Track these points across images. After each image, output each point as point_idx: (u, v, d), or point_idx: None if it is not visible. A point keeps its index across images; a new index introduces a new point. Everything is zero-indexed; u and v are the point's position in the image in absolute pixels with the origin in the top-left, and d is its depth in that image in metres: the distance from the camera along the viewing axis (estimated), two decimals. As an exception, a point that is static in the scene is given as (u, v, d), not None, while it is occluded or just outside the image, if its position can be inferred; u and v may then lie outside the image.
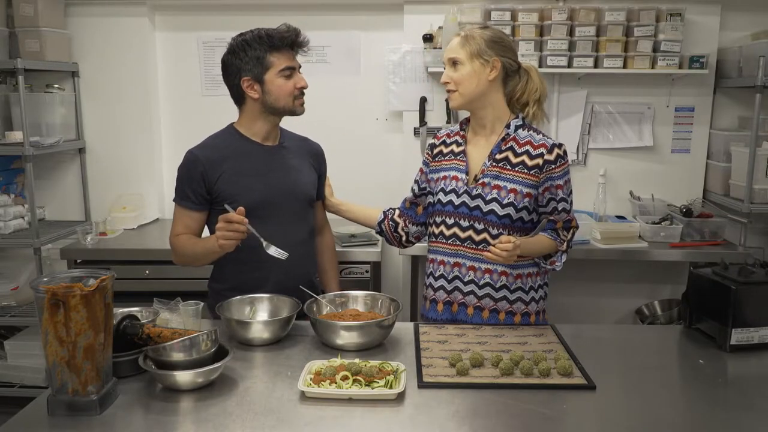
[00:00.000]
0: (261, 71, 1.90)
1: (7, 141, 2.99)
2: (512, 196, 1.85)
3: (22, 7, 3.01)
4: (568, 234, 1.95)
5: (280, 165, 2.01)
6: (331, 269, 2.24)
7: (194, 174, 1.92)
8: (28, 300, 3.09)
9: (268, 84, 1.91)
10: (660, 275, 3.37)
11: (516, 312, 1.91)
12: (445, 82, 1.90)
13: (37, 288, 1.29)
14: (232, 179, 1.92)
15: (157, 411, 1.37)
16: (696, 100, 3.25)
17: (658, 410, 1.38)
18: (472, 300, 1.91)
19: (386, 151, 3.44)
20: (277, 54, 1.90)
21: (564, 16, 3.06)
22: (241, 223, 1.72)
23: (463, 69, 1.86)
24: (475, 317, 1.91)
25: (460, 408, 1.38)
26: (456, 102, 1.91)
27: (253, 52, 1.89)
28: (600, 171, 3.25)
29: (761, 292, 1.68)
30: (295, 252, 1.93)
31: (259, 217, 1.88)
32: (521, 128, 1.91)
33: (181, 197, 1.95)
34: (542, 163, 1.86)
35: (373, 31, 3.34)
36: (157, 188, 3.46)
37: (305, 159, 2.09)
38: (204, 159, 1.92)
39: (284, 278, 1.93)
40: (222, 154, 1.94)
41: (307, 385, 1.42)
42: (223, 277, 2.03)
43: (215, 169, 1.92)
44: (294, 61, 1.95)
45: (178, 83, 3.44)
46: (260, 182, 1.95)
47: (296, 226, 2.02)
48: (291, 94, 1.93)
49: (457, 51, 1.87)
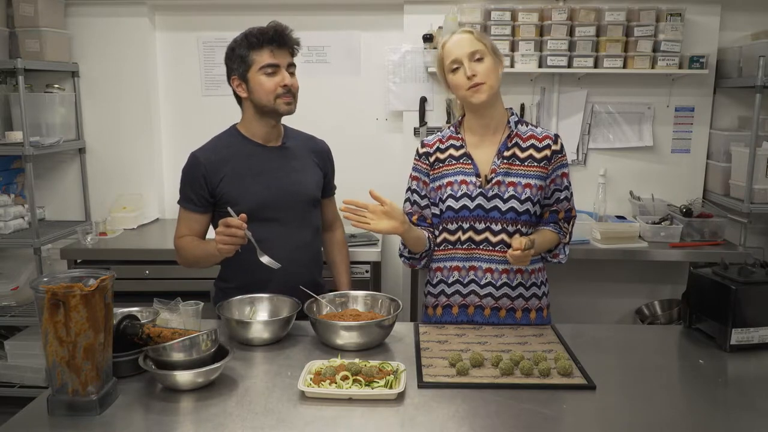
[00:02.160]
0: (245, 69, 1.90)
1: (7, 141, 2.99)
2: (528, 190, 1.86)
3: (22, 7, 3.01)
4: (569, 225, 1.98)
5: (282, 166, 1.99)
6: (342, 264, 2.21)
7: (196, 176, 1.92)
8: (28, 300, 3.09)
9: (251, 82, 1.90)
10: (660, 275, 3.37)
11: (531, 308, 1.92)
12: (472, 75, 1.78)
13: (37, 288, 1.29)
14: (234, 182, 1.92)
15: (157, 411, 1.37)
16: (696, 100, 3.25)
17: (658, 410, 1.38)
18: (489, 302, 1.89)
19: (386, 151, 3.44)
20: (258, 51, 1.88)
21: (564, 16, 3.06)
22: (239, 228, 1.72)
23: (488, 61, 1.81)
24: (492, 317, 1.91)
25: (460, 408, 1.38)
26: (485, 95, 1.80)
27: (238, 50, 1.90)
28: (600, 171, 3.26)
29: (761, 292, 1.68)
30: (299, 254, 1.94)
31: (262, 219, 1.88)
32: (519, 123, 1.92)
33: (185, 199, 1.96)
34: (550, 154, 1.88)
35: (373, 31, 3.34)
36: (157, 188, 3.46)
37: (309, 158, 2.07)
38: (206, 161, 1.92)
39: (288, 279, 1.91)
40: (223, 156, 1.94)
41: (307, 385, 1.42)
42: (228, 276, 2.04)
43: (217, 171, 1.92)
44: (277, 59, 1.89)
45: (178, 83, 3.44)
46: (261, 184, 1.95)
47: (299, 228, 2.01)
48: (272, 92, 1.89)
49: (476, 44, 1.81)
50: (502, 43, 3.05)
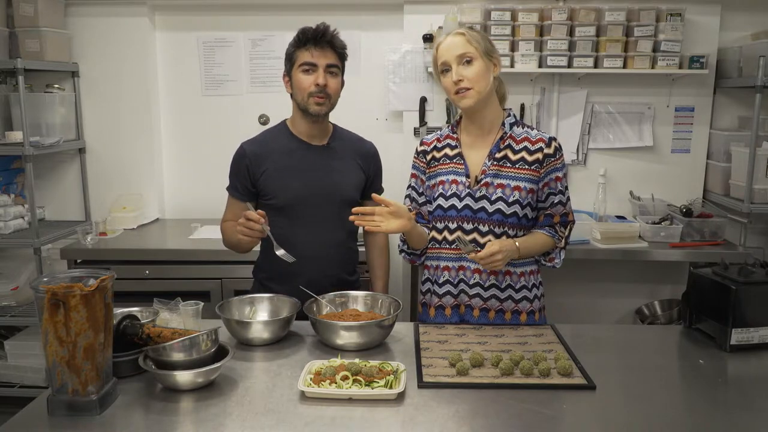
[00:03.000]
0: (290, 67, 2.00)
1: (7, 141, 2.99)
2: (517, 193, 1.85)
3: (22, 7, 3.01)
4: (566, 230, 1.95)
5: (323, 165, 2.03)
6: (380, 268, 2.23)
7: (241, 167, 2.03)
8: (28, 300, 3.09)
9: (293, 79, 1.99)
10: (660, 275, 3.37)
11: (522, 311, 1.91)
12: (458, 80, 1.80)
13: (37, 288, 1.29)
14: (274, 176, 2.00)
15: (157, 411, 1.37)
16: (696, 100, 3.25)
17: (658, 410, 1.38)
18: (478, 302, 1.90)
19: (386, 151, 3.39)
20: (301, 49, 1.96)
21: (564, 16, 3.06)
22: (257, 222, 1.79)
23: (478, 65, 1.81)
24: (481, 318, 1.91)
25: (460, 408, 1.38)
26: (471, 100, 1.82)
27: (289, 48, 2.00)
28: (600, 171, 3.25)
29: (761, 292, 1.68)
30: (330, 253, 2.00)
31: (294, 215, 1.95)
32: (515, 125, 1.91)
33: (231, 187, 2.08)
34: (542, 157, 1.86)
35: (373, 31, 3.34)
36: (157, 188, 3.46)
37: (352, 160, 2.10)
38: (251, 154, 2.02)
39: (317, 276, 1.98)
40: (268, 149, 2.02)
41: (307, 385, 1.42)
42: (264, 267, 2.11)
43: (260, 164, 2.00)
44: (315, 58, 1.95)
45: (178, 83, 3.44)
46: (299, 181, 2.00)
47: (333, 227, 2.03)
48: (306, 90, 1.95)
49: (466, 47, 1.80)
50: (502, 43, 3.05)
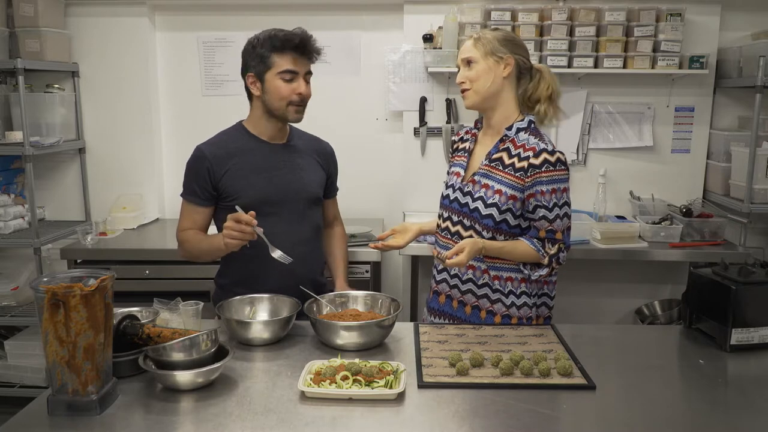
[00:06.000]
0: (263, 69, 1.92)
1: (7, 141, 2.99)
2: (497, 197, 1.85)
3: (22, 7, 3.01)
4: (553, 248, 1.84)
5: (286, 163, 2.02)
6: (340, 257, 2.22)
7: (200, 170, 1.94)
8: (28, 300, 3.09)
9: (267, 84, 1.92)
10: (660, 275, 3.37)
11: (496, 312, 1.91)
12: (460, 83, 1.90)
13: (37, 288, 1.29)
14: (237, 176, 1.95)
15: (157, 411, 1.37)
16: (696, 100, 3.25)
17: (658, 410, 1.38)
18: (456, 294, 1.95)
19: (386, 151, 3.44)
20: (280, 55, 1.90)
21: (564, 16, 3.06)
22: (249, 224, 1.75)
23: (477, 66, 1.86)
24: (459, 311, 1.94)
25: (460, 408, 1.38)
26: (470, 100, 1.89)
27: (260, 49, 1.91)
28: (600, 171, 3.25)
29: (761, 292, 1.68)
30: (299, 250, 1.94)
31: (263, 214, 1.88)
32: (523, 131, 1.88)
33: (188, 192, 1.98)
34: (527, 166, 1.82)
35: (373, 31, 3.34)
36: (157, 188, 3.46)
37: (313, 158, 2.09)
38: (210, 155, 1.95)
39: (288, 276, 1.93)
40: (229, 150, 1.97)
41: (307, 385, 1.42)
42: (228, 272, 2.06)
43: (221, 165, 1.94)
44: (297, 66, 1.91)
45: (178, 83, 3.44)
46: (264, 180, 1.97)
47: (300, 225, 2.02)
48: (286, 98, 1.91)
49: (470, 51, 1.88)
50: (502, 43, 3.05)
